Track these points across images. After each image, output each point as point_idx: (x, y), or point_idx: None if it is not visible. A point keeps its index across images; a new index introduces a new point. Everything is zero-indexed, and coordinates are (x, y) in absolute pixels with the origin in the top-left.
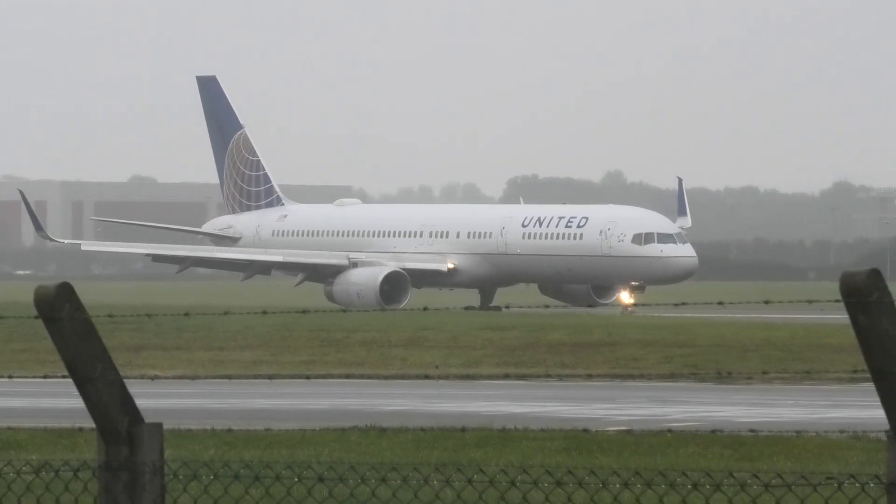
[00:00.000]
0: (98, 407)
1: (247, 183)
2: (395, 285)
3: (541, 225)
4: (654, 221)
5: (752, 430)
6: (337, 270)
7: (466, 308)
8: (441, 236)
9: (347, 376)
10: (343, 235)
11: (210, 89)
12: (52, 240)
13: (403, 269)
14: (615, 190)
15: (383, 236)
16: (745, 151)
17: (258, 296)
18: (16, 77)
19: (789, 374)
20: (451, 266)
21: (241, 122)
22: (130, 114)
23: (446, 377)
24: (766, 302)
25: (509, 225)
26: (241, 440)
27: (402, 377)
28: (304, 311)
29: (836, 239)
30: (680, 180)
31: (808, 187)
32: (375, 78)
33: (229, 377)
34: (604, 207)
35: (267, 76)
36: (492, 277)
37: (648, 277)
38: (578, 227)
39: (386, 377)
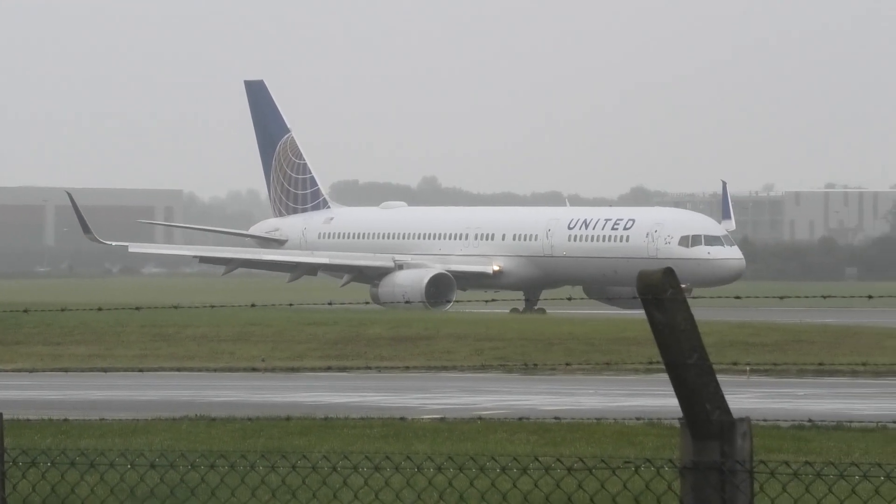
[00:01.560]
0: None
1: (293, 186)
2: (441, 287)
3: (587, 227)
4: (701, 223)
5: (556, 418)
6: (383, 272)
7: (512, 311)
8: (486, 238)
9: (179, 369)
10: (388, 238)
11: (258, 94)
12: (100, 242)
13: (449, 272)
14: (430, 194)
15: (428, 238)
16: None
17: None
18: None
19: (590, 366)
20: (496, 268)
21: (289, 126)
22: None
23: (272, 370)
24: (569, 298)
25: (555, 227)
26: (77, 429)
27: (231, 370)
28: (137, 308)
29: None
30: (724, 184)
31: (609, 192)
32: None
33: (66, 370)
34: (651, 210)
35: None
36: (537, 279)
37: (695, 280)
38: (625, 229)
39: (215, 370)
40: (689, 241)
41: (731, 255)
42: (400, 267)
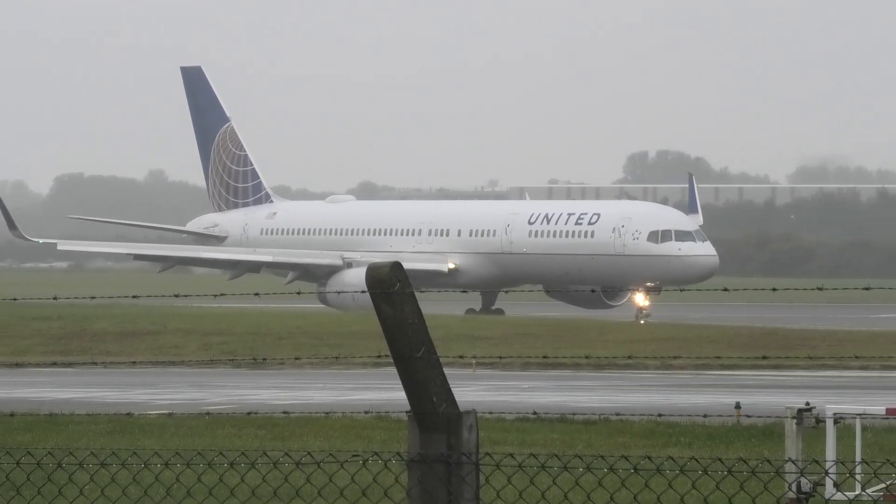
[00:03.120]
0: None
1: (233, 179)
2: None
3: (549, 222)
4: (671, 218)
5: (284, 412)
6: (330, 271)
7: (467, 312)
8: (441, 234)
9: None
10: (336, 234)
11: (195, 81)
12: (27, 239)
13: None
14: (157, 187)
15: (379, 234)
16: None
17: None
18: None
19: (319, 360)
20: (451, 266)
21: (228, 115)
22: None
23: None
24: (298, 293)
25: (514, 222)
26: None
27: None
28: None
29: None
30: (691, 176)
31: (339, 188)
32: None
33: None
34: (617, 203)
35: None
36: (495, 278)
37: (666, 278)
38: (590, 224)
39: None
40: (659, 236)
41: (704, 251)
42: (349, 265)
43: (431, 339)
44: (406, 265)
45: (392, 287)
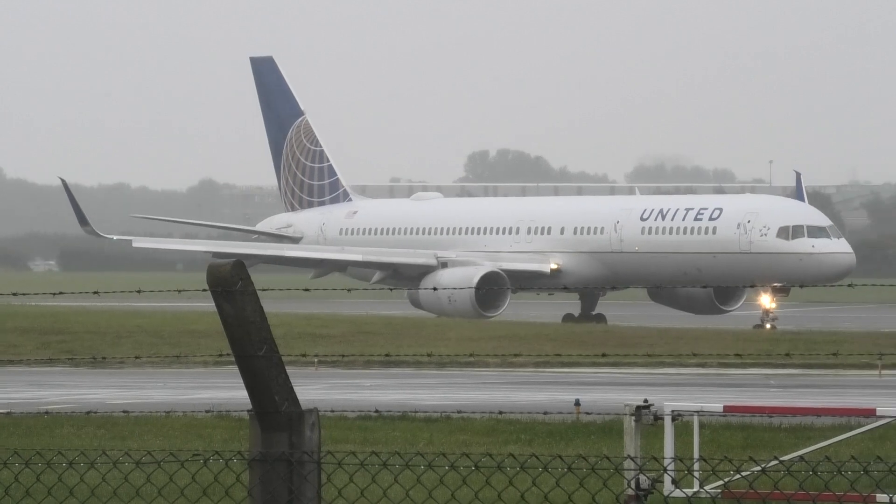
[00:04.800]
0: None
1: (308, 176)
2: (491, 289)
3: (664, 218)
4: (803, 212)
5: (124, 411)
6: (423, 271)
7: (566, 317)
8: (541, 232)
9: None
10: (424, 233)
11: (266, 72)
12: (100, 236)
13: (501, 270)
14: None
15: (471, 233)
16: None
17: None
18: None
19: (160, 359)
20: (554, 266)
21: (302, 109)
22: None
23: None
24: (139, 291)
25: (625, 218)
26: None
27: None
28: None
29: (202, 232)
30: (798, 175)
31: (177, 185)
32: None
33: None
34: (741, 197)
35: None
36: (602, 279)
37: (798, 277)
38: (711, 219)
39: None
40: (790, 232)
41: (839, 248)
42: (444, 265)
43: (273, 338)
44: (504, 265)
45: (234, 286)
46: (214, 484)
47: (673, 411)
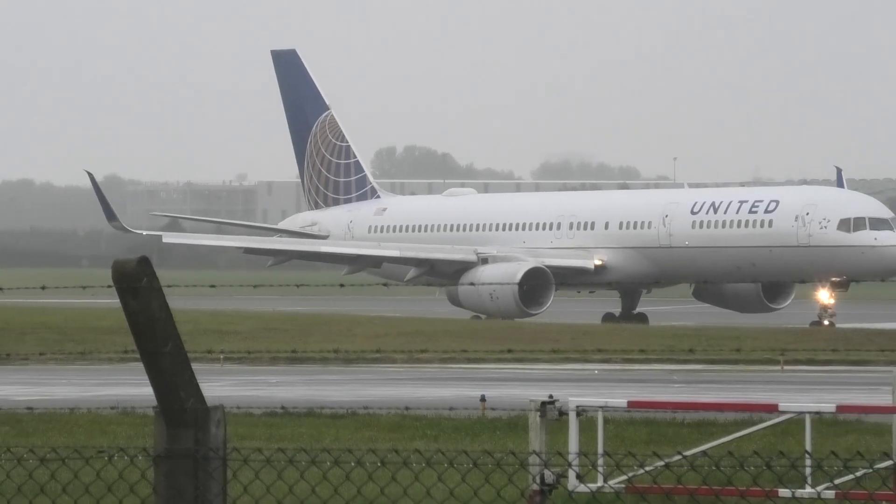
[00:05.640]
0: None
1: (335, 173)
2: (535, 285)
3: (716, 211)
4: (864, 204)
5: (28, 408)
6: (462, 268)
7: (606, 316)
8: (584, 228)
9: None
10: (458, 230)
11: (288, 66)
12: (129, 231)
13: (545, 266)
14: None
15: (509, 229)
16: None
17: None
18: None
19: (64, 355)
20: (598, 262)
21: (328, 103)
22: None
23: None
24: (43, 287)
25: (674, 212)
26: None
27: None
28: None
29: (107, 229)
30: (839, 170)
31: (82, 180)
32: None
33: None
34: (797, 189)
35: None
36: (649, 275)
37: (858, 271)
38: (767, 212)
39: None
40: (851, 224)
41: None
42: (484, 261)
43: (179, 334)
44: (546, 261)
45: (139, 281)
46: (119, 481)
47: (578, 407)
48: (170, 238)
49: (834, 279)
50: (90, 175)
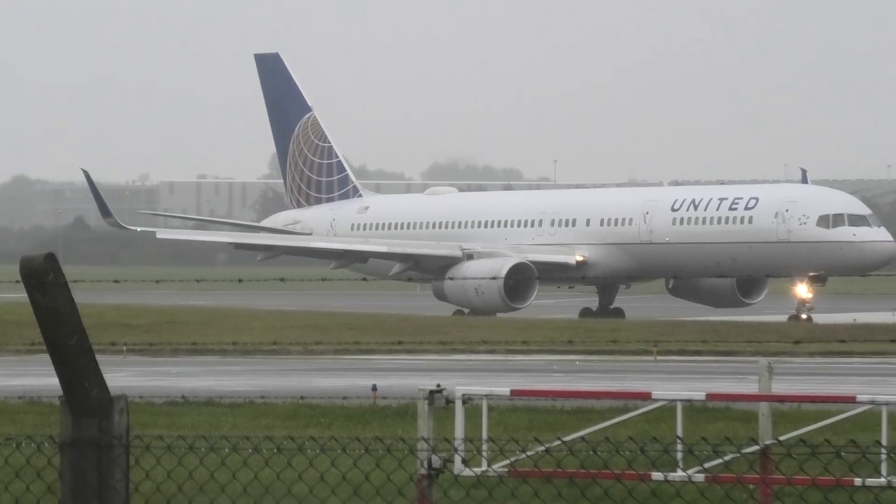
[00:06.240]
0: None
1: (317, 173)
2: (519, 280)
3: (696, 208)
4: (842, 201)
5: None
6: (447, 263)
7: (583, 311)
8: (566, 225)
9: None
10: (440, 227)
11: (271, 69)
12: (124, 228)
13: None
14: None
15: (491, 227)
16: None
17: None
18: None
19: None
20: (580, 258)
21: (310, 104)
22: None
23: None
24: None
25: (655, 209)
26: None
27: None
28: None
29: (15, 226)
30: (804, 171)
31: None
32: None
33: None
34: (777, 186)
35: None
36: (629, 271)
37: (838, 266)
38: (747, 208)
39: None
40: (830, 220)
41: (880, 237)
42: (469, 256)
43: (84, 327)
44: (529, 257)
45: (45, 277)
46: (27, 467)
47: (463, 395)
48: (164, 234)
49: (812, 273)
50: (85, 173)
